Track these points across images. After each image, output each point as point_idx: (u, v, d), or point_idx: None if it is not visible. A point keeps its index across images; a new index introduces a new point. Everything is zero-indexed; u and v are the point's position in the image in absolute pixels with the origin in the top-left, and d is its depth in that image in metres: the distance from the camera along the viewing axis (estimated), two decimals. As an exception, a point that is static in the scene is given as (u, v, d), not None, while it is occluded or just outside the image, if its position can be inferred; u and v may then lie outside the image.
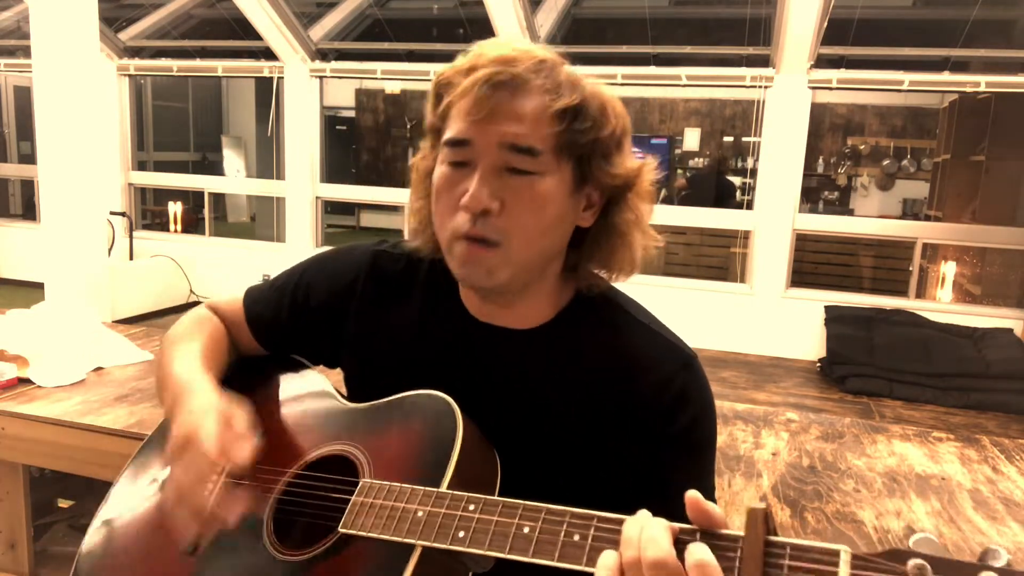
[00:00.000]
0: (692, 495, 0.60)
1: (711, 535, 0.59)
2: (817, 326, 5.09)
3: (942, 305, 5.21)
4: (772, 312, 5.25)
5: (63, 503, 2.07)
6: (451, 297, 0.91)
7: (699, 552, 0.57)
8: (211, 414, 0.83)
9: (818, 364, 4.98)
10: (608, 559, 0.60)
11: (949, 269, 5.58)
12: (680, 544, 0.59)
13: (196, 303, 1.08)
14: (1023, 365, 4.45)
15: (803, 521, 1.29)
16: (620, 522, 0.63)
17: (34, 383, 1.71)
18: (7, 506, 1.71)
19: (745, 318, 5.30)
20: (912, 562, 0.51)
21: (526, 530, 0.66)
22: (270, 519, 0.83)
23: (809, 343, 5.13)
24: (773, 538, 0.56)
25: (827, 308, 5.10)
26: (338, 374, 1.00)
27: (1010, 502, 1.41)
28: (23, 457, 1.62)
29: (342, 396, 0.94)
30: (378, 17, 6.50)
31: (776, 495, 1.39)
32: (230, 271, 6.10)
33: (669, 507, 0.63)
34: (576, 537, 0.64)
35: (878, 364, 4.59)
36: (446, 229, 0.81)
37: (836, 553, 0.53)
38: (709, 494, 0.83)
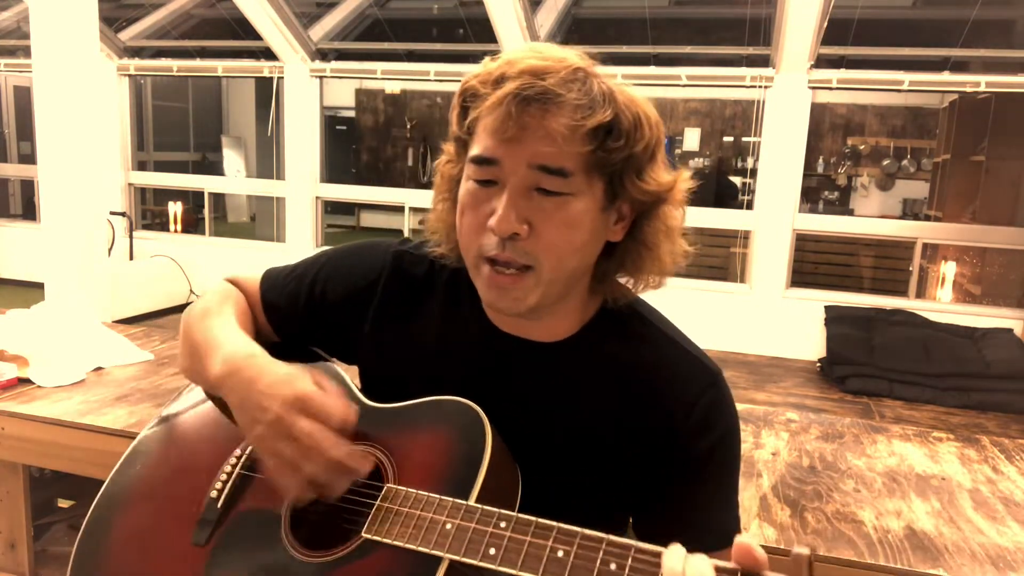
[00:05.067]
0: (743, 540, 0.59)
1: None
2: (817, 326, 5.09)
3: (942, 305, 5.21)
4: (772, 312, 5.25)
5: (63, 503, 2.07)
6: (474, 304, 0.87)
7: None
8: (304, 378, 0.78)
9: (818, 364, 4.98)
10: None
11: (949, 269, 5.58)
12: None
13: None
14: (1023, 365, 4.45)
15: (803, 521, 1.29)
16: (658, 554, 0.61)
17: (34, 383, 1.71)
18: (7, 506, 1.71)
19: (745, 318, 5.30)
20: None
21: (560, 554, 0.64)
22: (287, 516, 0.80)
23: (809, 343, 5.12)
24: None
25: (827, 308, 5.10)
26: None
27: (1010, 502, 1.41)
28: (23, 457, 1.62)
29: (363, 394, 0.91)
30: (378, 17, 6.50)
31: (776, 495, 1.39)
32: (230, 271, 6.09)
33: (689, 528, 0.63)
34: (612, 566, 0.62)
35: (878, 364, 4.59)
36: (472, 248, 0.78)
37: None
38: (733, 514, 0.82)
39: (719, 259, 6.32)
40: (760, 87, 5.15)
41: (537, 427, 0.83)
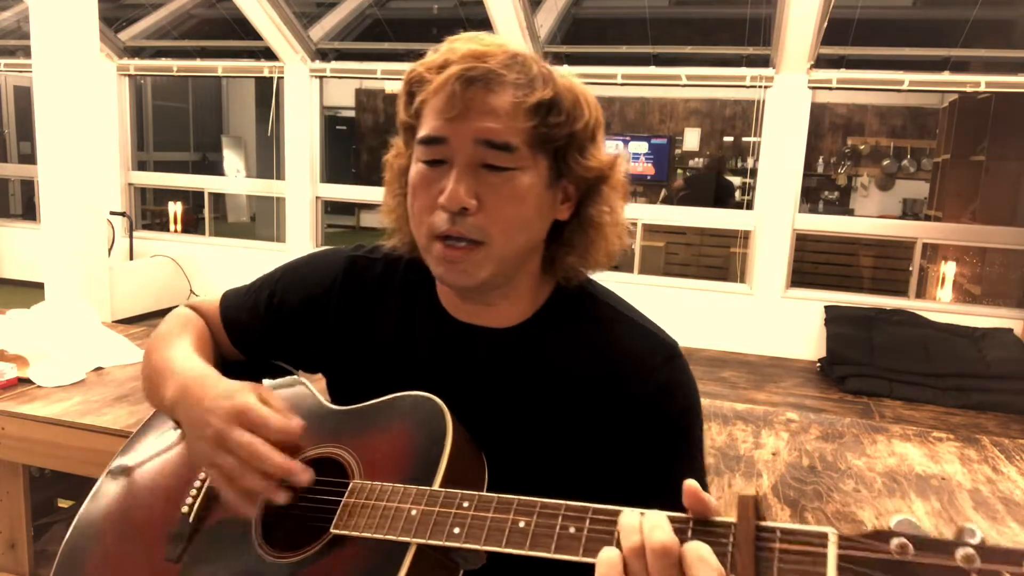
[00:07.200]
0: (691, 483, 0.61)
1: (705, 523, 0.61)
2: (817, 326, 5.09)
3: (942, 305, 5.21)
4: (772, 312, 5.25)
5: (63, 503, 2.07)
6: (429, 298, 0.90)
7: (699, 549, 0.58)
8: (245, 392, 0.80)
9: (818, 364, 4.99)
10: (609, 553, 0.61)
11: (949, 269, 5.58)
12: (676, 533, 0.60)
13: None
14: (1023, 365, 4.45)
15: (803, 521, 1.29)
16: (615, 513, 0.64)
17: (34, 383, 1.71)
18: (7, 506, 1.71)
19: (745, 318, 5.30)
20: (895, 541, 0.53)
21: (521, 524, 0.66)
22: (259, 522, 0.82)
23: (809, 343, 5.13)
24: (763, 523, 0.58)
25: (827, 308, 5.10)
26: (321, 378, 0.99)
27: (1010, 502, 1.41)
28: (23, 457, 1.62)
29: (327, 400, 0.93)
30: (378, 17, 6.51)
31: (776, 495, 1.39)
32: (230, 271, 6.10)
33: (657, 499, 0.64)
34: (572, 529, 0.64)
35: (878, 364, 4.59)
36: (423, 227, 0.80)
37: (824, 535, 0.55)
38: (702, 484, 0.82)
39: (719, 259, 6.33)
40: (760, 87, 5.15)
41: (500, 413, 0.84)
